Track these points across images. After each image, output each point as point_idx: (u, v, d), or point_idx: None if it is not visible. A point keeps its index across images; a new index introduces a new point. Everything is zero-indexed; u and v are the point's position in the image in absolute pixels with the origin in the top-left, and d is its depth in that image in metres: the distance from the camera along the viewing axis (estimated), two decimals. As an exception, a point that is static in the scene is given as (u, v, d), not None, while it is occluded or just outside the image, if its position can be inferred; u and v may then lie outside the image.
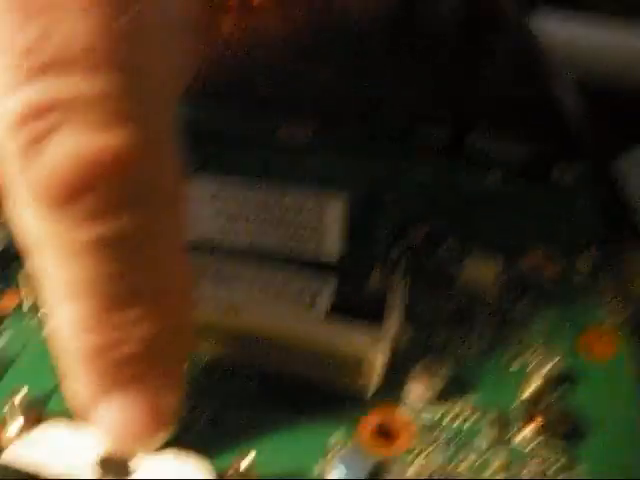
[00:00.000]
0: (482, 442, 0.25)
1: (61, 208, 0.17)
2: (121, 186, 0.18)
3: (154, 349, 0.20)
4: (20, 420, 0.23)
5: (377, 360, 0.25)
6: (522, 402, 0.26)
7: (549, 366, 0.26)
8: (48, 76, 0.17)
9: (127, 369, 0.20)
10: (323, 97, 0.45)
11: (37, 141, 0.17)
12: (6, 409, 0.23)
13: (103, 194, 0.18)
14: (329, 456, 0.24)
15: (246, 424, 0.24)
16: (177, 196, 0.20)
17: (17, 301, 0.27)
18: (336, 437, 0.24)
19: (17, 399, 0.22)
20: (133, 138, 0.17)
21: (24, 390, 0.23)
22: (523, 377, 0.27)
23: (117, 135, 0.17)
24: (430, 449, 0.24)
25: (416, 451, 0.24)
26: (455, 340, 0.28)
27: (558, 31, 0.59)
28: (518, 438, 0.25)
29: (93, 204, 0.17)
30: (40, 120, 0.17)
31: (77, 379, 0.20)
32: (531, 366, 0.27)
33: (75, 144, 0.17)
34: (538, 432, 0.25)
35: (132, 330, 0.19)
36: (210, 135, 0.38)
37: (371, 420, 0.25)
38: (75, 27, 0.17)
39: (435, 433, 0.25)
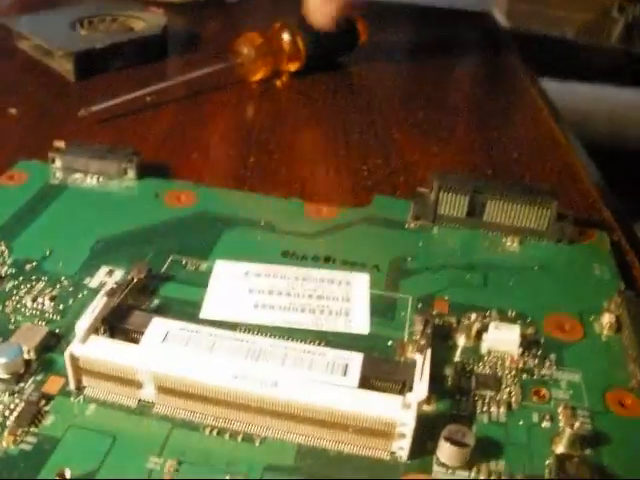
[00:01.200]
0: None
1: None
2: None
3: None
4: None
5: (409, 424, 0.25)
6: (554, 459, 0.26)
7: (578, 424, 0.27)
8: None
9: None
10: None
11: None
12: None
13: None
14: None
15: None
16: None
17: (61, 384, 0.28)
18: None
19: (65, 478, 0.23)
20: None
21: (68, 472, 0.23)
22: (553, 435, 0.27)
23: None
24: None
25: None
26: (482, 402, 0.29)
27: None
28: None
29: None
30: None
31: None
32: (561, 424, 0.28)
33: None
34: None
35: None
36: (230, 218, 0.40)
37: (405, 485, 0.25)
38: None
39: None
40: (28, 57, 0.62)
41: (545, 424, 0.28)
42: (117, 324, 0.30)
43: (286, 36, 0.60)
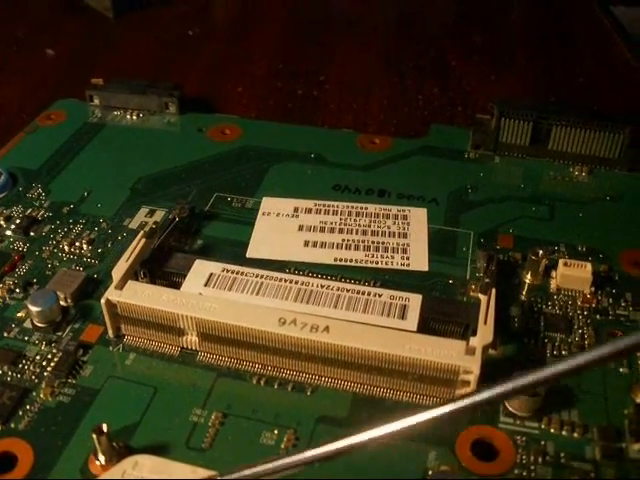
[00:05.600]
0: (594, 453, 0.23)
1: None
2: None
3: None
4: (107, 452, 0.22)
5: (473, 371, 0.23)
6: (634, 409, 0.24)
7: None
8: None
9: None
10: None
11: None
12: (93, 441, 0.22)
13: None
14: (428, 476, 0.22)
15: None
16: None
17: (100, 333, 0.27)
18: (434, 456, 0.23)
19: (103, 432, 0.22)
20: None
21: (105, 426, 0.22)
22: (632, 382, 0.25)
23: None
24: (537, 463, 0.23)
25: (521, 466, 0.23)
26: (552, 345, 0.27)
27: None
28: (635, 448, 0.23)
29: None
30: None
31: None
32: (641, 368, 0.26)
33: None
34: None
35: None
36: (278, 152, 0.38)
37: (469, 436, 0.23)
38: None
39: (540, 446, 0.23)
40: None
41: (623, 370, 0.26)
42: (157, 267, 0.28)
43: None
